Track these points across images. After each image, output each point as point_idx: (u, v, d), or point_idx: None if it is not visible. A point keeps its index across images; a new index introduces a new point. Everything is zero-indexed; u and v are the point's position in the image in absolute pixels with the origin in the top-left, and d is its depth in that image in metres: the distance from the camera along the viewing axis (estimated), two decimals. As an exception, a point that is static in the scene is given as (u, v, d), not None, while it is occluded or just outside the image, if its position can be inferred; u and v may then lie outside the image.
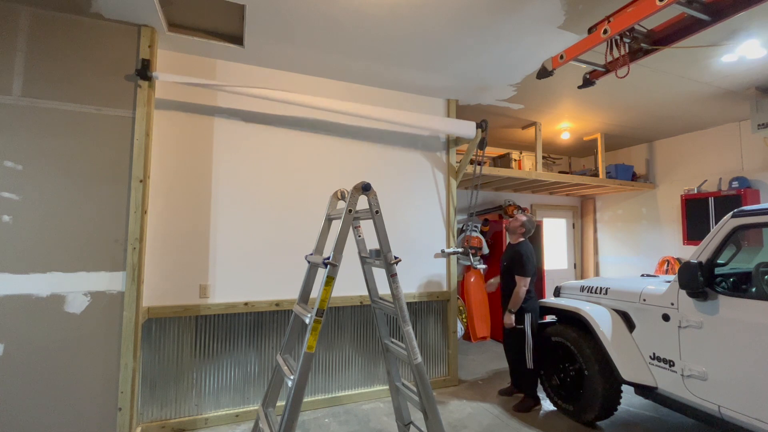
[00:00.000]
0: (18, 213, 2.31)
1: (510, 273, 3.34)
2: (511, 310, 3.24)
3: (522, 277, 3.22)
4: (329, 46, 2.89)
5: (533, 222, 3.45)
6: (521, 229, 3.39)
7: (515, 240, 3.43)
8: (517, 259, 3.28)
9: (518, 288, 3.22)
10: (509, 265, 3.36)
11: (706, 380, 2.31)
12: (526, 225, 3.39)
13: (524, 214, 3.47)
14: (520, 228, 3.40)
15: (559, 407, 3.12)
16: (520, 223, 3.40)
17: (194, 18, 2.68)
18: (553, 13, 2.49)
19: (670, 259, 5.29)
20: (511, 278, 3.32)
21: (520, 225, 3.39)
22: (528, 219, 3.42)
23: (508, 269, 3.38)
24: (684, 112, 4.42)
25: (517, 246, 3.36)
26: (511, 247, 3.43)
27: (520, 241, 3.40)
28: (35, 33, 2.40)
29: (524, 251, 3.29)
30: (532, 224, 3.42)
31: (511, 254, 3.37)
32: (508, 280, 3.39)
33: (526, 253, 3.27)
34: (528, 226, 3.41)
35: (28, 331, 2.29)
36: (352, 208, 2.09)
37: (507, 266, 3.39)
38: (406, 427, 2.47)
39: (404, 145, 3.74)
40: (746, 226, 2.24)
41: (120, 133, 2.53)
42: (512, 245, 3.43)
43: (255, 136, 3.21)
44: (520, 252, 3.29)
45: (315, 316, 1.95)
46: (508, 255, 3.43)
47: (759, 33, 2.74)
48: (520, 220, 3.41)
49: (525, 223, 3.40)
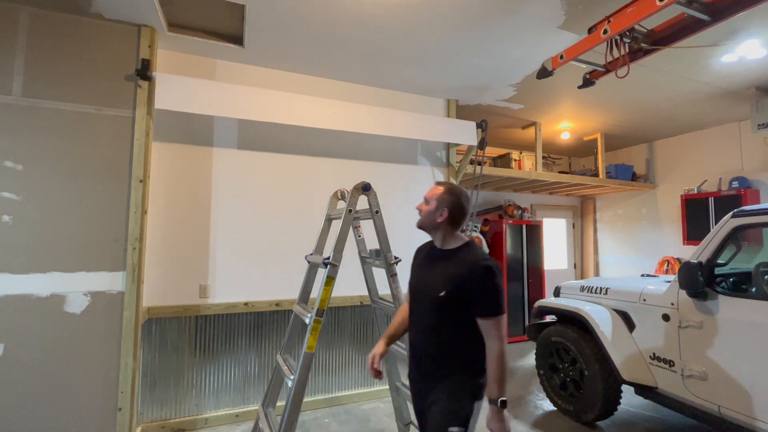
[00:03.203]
0: (18, 213, 2.31)
1: (454, 307, 1.47)
2: (496, 400, 1.39)
3: (500, 315, 1.42)
4: (329, 46, 2.89)
5: (466, 195, 1.60)
6: (443, 213, 1.54)
7: (440, 237, 1.60)
8: (475, 280, 1.44)
9: (497, 343, 1.41)
10: (454, 290, 1.46)
11: (706, 380, 2.31)
12: (455, 202, 1.55)
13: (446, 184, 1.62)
14: (440, 209, 1.55)
15: (559, 407, 3.12)
16: (439, 196, 1.58)
17: (194, 18, 2.68)
18: (553, 13, 2.49)
19: (670, 259, 5.28)
20: (452, 318, 1.48)
21: (445, 201, 1.56)
22: (454, 192, 1.57)
23: (450, 299, 1.46)
24: (684, 112, 4.42)
25: (466, 248, 1.56)
26: (446, 256, 1.57)
27: (461, 241, 1.58)
28: (35, 33, 2.40)
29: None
30: (465, 197, 1.58)
31: (457, 268, 1.50)
32: (445, 322, 1.50)
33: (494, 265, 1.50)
34: (459, 205, 1.56)
35: (28, 331, 2.29)
36: (352, 208, 2.09)
37: (452, 293, 1.46)
38: (406, 427, 2.47)
39: (404, 144, 3.74)
40: (746, 226, 2.24)
41: (120, 133, 2.53)
42: (442, 249, 1.60)
43: (255, 135, 3.21)
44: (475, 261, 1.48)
45: (315, 316, 1.95)
46: (451, 270, 1.51)
47: (759, 33, 2.74)
48: (437, 192, 1.59)
49: (454, 200, 1.55)
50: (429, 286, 1.54)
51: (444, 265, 1.54)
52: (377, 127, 3.30)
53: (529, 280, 5.49)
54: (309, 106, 3.09)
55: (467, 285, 1.43)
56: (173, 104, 2.67)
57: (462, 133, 3.69)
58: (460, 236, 1.58)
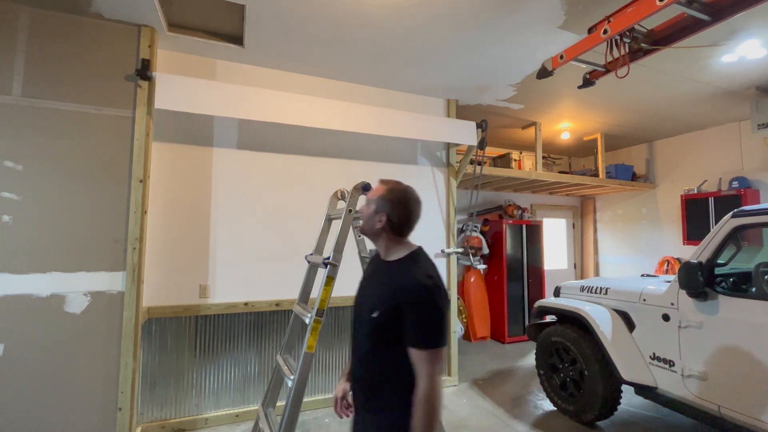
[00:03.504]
0: (18, 213, 2.31)
1: (388, 332, 1.22)
2: None
3: (433, 349, 1.16)
4: (329, 47, 2.89)
5: (414, 196, 1.38)
6: (381, 218, 1.33)
7: (383, 246, 1.37)
8: (409, 300, 1.19)
9: (425, 383, 1.14)
10: (387, 310, 1.22)
11: (706, 380, 2.31)
12: (394, 205, 1.33)
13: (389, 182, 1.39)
14: (379, 214, 1.34)
15: (559, 407, 3.12)
16: (380, 196, 1.36)
17: (194, 18, 2.68)
18: (553, 13, 2.49)
19: (670, 259, 5.29)
20: (386, 345, 1.23)
21: (383, 204, 1.34)
22: (395, 192, 1.36)
23: (383, 321, 1.22)
24: (684, 112, 4.42)
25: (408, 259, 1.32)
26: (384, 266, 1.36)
27: (406, 251, 1.33)
28: (35, 33, 2.40)
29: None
30: (408, 199, 1.36)
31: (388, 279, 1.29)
32: (379, 349, 1.25)
33: (435, 286, 1.22)
34: (401, 208, 1.34)
35: (28, 331, 2.29)
36: (352, 208, 2.09)
37: (385, 314, 1.22)
38: (406, 427, 2.46)
39: (404, 144, 3.74)
40: (746, 226, 2.24)
41: (120, 133, 2.53)
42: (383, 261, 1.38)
43: (255, 135, 3.21)
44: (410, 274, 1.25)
45: (315, 316, 1.95)
46: (386, 286, 1.28)
47: (759, 33, 2.74)
48: (377, 193, 1.37)
49: (393, 203, 1.33)
50: (365, 304, 1.29)
51: (382, 280, 1.30)
52: (377, 127, 3.30)
53: (529, 280, 5.49)
54: (309, 106, 3.09)
55: (401, 306, 1.17)
56: (173, 104, 2.67)
57: (462, 133, 3.69)
58: (408, 244, 1.34)
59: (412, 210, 1.34)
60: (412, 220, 1.35)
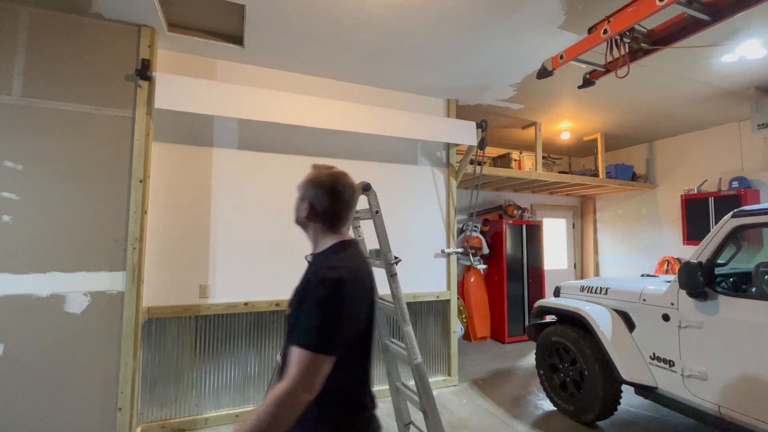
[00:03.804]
0: (18, 213, 2.31)
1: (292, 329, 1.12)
2: None
3: (306, 351, 0.98)
4: (329, 46, 2.89)
5: (343, 183, 1.22)
6: (305, 207, 1.22)
7: (312, 238, 1.27)
8: (309, 293, 1.07)
9: (285, 384, 0.95)
10: (296, 308, 1.12)
11: (706, 380, 2.31)
12: (317, 192, 1.20)
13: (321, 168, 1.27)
14: (303, 202, 1.23)
15: (559, 407, 3.12)
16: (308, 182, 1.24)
17: (194, 18, 2.68)
18: (553, 13, 2.49)
19: (670, 259, 5.29)
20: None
21: (307, 192, 1.22)
22: (319, 179, 1.22)
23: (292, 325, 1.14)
24: (684, 112, 4.42)
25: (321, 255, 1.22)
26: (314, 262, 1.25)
27: (332, 242, 1.22)
28: (35, 33, 2.40)
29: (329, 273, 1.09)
30: (335, 187, 1.21)
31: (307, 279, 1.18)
32: (287, 351, 1.13)
33: (334, 281, 1.04)
34: (326, 196, 1.20)
35: (28, 331, 2.29)
36: (352, 208, 2.08)
37: (294, 313, 1.13)
38: (406, 427, 2.47)
39: (404, 144, 3.74)
40: (746, 226, 2.24)
41: (120, 133, 2.53)
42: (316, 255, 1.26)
43: (255, 135, 3.21)
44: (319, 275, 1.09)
45: (315, 316, 1.95)
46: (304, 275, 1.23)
47: (759, 33, 2.74)
48: (303, 180, 1.26)
49: (317, 190, 1.20)
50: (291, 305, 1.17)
51: (302, 277, 1.19)
52: (377, 127, 3.30)
53: (529, 280, 5.49)
54: (309, 106, 3.09)
55: (303, 301, 1.06)
56: (173, 104, 2.67)
57: (462, 133, 3.69)
58: (338, 236, 1.19)
59: (340, 198, 1.18)
60: (340, 209, 1.19)
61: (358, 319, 1.08)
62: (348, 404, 1.10)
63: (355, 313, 1.06)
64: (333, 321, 1.00)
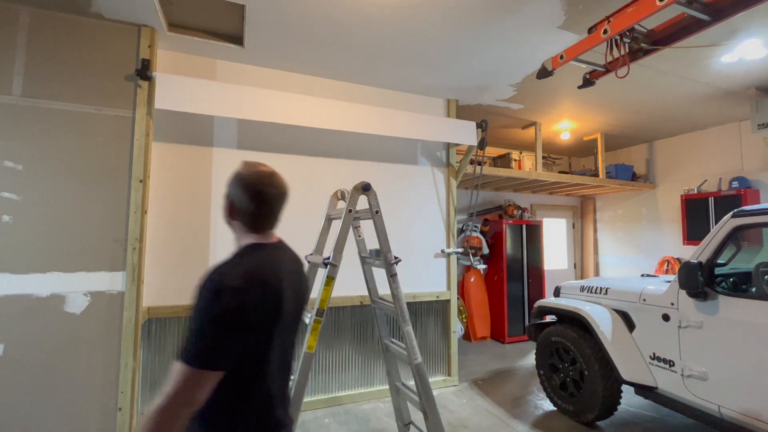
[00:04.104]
0: (18, 213, 2.31)
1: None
2: None
3: (184, 365, 0.89)
4: (329, 47, 2.89)
5: (266, 182, 1.12)
6: (227, 205, 1.14)
7: (235, 238, 1.17)
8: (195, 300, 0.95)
9: (162, 400, 0.88)
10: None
11: (706, 380, 2.31)
12: (234, 190, 1.11)
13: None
14: (227, 197, 1.14)
15: (559, 407, 3.12)
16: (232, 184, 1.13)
17: (194, 18, 2.68)
18: (553, 13, 2.49)
19: (670, 259, 5.29)
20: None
21: (228, 191, 1.13)
22: (238, 176, 1.12)
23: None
24: (684, 112, 4.42)
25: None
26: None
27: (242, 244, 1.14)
28: (35, 33, 2.40)
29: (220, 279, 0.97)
30: (256, 185, 1.10)
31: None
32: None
33: (219, 287, 0.94)
34: (243, 193, 1.10)
35: (28, 331, 2.29)
36: (352, 208, 2.09)
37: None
38: (406, 427, 2.47)
39: (404, 144, 3.74)
40: (746, 226, 2.24)
41: (120, 133, 2.53)
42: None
43: (255, 135, 3.21)
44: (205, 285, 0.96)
45: (315, 316, 1.95)
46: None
47: (759, 33, 2.74)
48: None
49: (234, 188, 1.11)
50: None
51: None
52: (377, 127, 3.30)
53: (529, 280, 5.49)
54: (309, 106, 3.09)
55: None
56: (173, 104, 2.67)
57: (462, 133, 3.69)
58: (262, 236, 1.11)
59: (261, 198, 1.08)
60: (261, 210, 1.09)
61: (254, 330, 0.95)
62: (246, 424, 0.99)
63: (246, 323, 0.93)
64: (215, 332, 0.90)
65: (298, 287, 1.15)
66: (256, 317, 0.95)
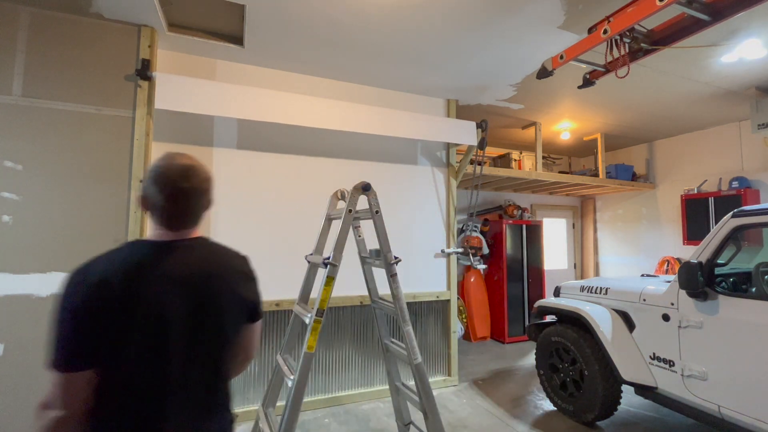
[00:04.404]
0: (18, 213, 2.31)
1: None
2: None
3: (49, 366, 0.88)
4: (329, 47, 2.89)
5: (157, 173, 1.03)
6: (141, 197, 1.07)
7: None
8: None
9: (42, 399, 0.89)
10: None
11: (706, 380, 2.31)
12: (145, 177, 1.05)
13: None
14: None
15: (559, 407, 3.12)
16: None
17: (194, 18, 2.68)
18: (553, 13, 2.49)
19: (670, 259, 5.29)
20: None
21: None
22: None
23: None
24: (684, 112, 4.42)
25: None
26: None
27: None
28: (35, 33, 2.40)
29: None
30: (152, 177, 1.03)
31: None
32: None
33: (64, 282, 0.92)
34: (146, 185, 1.04)
35: (28, 331, 2.29)
36: (352, 208, 2.09)
37: None
38: (406, 427, 2.47)
39: (404, 144, 3.74)
40: (746, 226, 2.24)
41: (120, 133, 2.53)
42: None
43: (255, 135, 3.21)
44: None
45: (315, 316, 1.95)
46: None
47: (759, 33, 2.74)
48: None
49: (147, 174, 1.05)
50: None
51: None
52: (377, 127, 3.30)
53: (529, 280, 5.50)
54: (309, 106, 3.09)
55: None
56: (173, 104, 2.67)
57: (462, 133, 3.69)
58: (163, 233, 1.05)
59: (169, 193, 1.01)
60: (171, 205, 1.02)
61: (102, 329, 0.87)
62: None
63: (76, 322, 0.86)
64: (62, 330, 0.87)
65: (204, 292, 1.01)
66: (84, 317, 0.87)
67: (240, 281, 1.17)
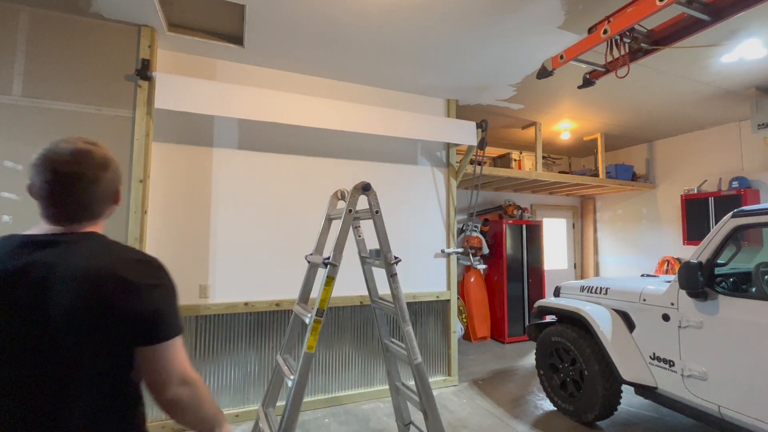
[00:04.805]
0: (18, 213, 2.31)
1: None
2: None
3: None
4: (329, 47, 2.89)
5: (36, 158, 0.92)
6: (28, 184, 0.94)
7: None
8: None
9: None
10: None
11: (706, 380, 2.31)
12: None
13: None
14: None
15: (559, 407, 3.12)
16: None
17: (194, 18, 2.68)
18: (553, 13, 2.49)
19: (670, 259, 5.29)
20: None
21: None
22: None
23: None
24: (684, 112, 4.42)
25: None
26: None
27: None
28: (35, 33, 2.40)
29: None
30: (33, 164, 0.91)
31: None
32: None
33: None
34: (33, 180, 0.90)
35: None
36: (352, 208, 2.09)
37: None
38: (406, 427, 2.47)
39: (404, 144, 3.74)
40: (746, 226, 2.24)
41: (120, 133, 2.53)
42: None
43: (255, 135, 3.21)
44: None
45: (315, 316, 1.95)
46: None
47: (759, 33, 2.74)
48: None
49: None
50: None
51: None
52: (377, 127, 3.30)
53: (529, 280, 5.50)
54: (309, 106, 3.09)
55: None
56: (173, 104, 2.67)
57: (462, 133, 3.69)
58: (48, 227, 0.91)
59: (33, 174, 0.90)
60: (34, 190, 0.90)
61: None
62: None
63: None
64: None
65: (57, 300, 0.81)
66: None
67: (124, 291, 0.85)
